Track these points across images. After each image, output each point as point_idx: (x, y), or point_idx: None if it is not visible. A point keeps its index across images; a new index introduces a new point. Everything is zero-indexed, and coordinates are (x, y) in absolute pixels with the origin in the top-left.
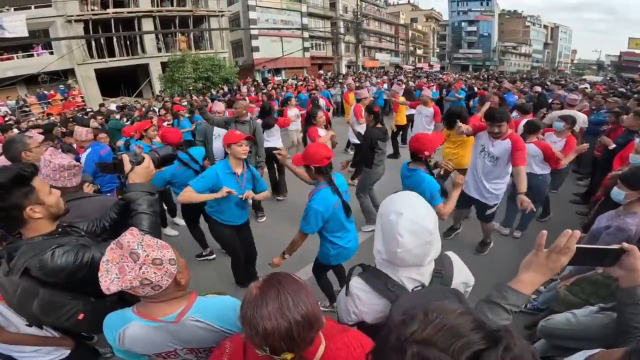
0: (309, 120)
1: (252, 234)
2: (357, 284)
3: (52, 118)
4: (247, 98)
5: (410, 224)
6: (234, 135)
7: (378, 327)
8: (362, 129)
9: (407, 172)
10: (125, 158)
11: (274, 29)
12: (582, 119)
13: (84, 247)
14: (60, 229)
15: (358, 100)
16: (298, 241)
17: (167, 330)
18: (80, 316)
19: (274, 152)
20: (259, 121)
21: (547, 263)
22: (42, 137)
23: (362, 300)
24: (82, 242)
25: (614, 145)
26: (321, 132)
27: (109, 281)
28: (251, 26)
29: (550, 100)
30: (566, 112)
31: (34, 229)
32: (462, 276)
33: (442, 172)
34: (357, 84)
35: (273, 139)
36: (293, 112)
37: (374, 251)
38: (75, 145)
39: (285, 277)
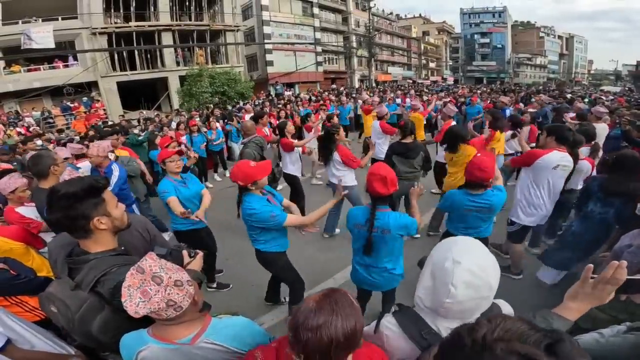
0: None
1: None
2: (389, 323)
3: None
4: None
5: (468, 275)
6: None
7: None
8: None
9: (486, 198)
10: (185, 253)
11: (287, 43)
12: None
13: None
14: (122, 247)
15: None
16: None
17: (183, 352)
18: None
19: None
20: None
21: (594, 293)
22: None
23: (390, 341)
24: None
25: None
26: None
27: (135, 305)
28: (265, 41)
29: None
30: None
31: (99, 242)
32: None
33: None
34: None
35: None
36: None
37: (415, 297)
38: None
39: (342, 296)
